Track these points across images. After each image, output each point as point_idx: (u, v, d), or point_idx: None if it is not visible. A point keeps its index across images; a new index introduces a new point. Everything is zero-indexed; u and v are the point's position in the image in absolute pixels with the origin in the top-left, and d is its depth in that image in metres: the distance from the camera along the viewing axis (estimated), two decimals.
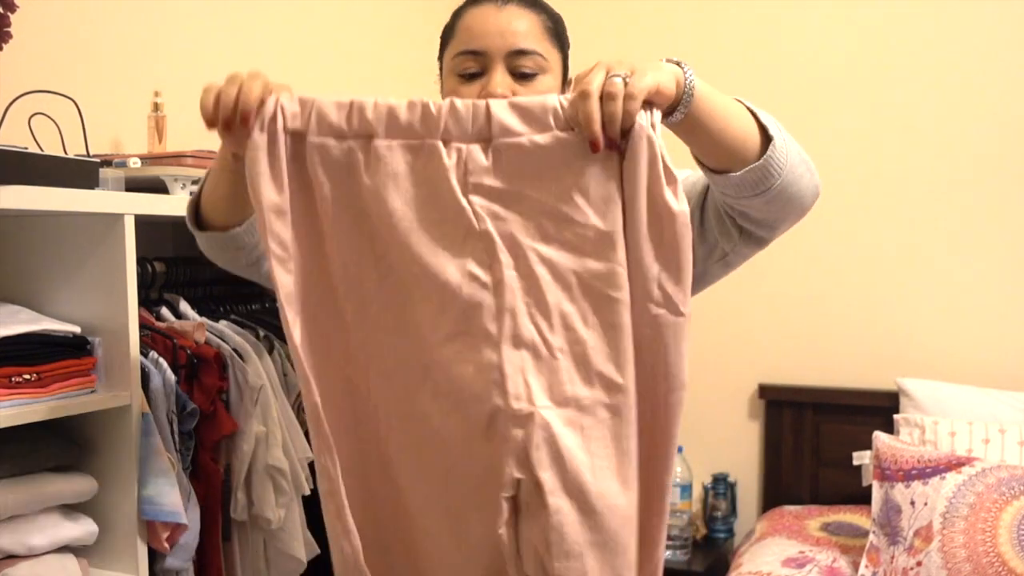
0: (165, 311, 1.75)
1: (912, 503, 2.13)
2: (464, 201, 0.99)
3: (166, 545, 1.50)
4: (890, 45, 2.73)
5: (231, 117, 1.05)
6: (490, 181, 0.99)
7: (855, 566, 2.21)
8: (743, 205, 1.15)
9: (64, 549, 1.43)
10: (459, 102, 1.00)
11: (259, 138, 1.01)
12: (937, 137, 2.70)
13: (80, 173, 1.41)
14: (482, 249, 1.00)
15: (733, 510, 2.89)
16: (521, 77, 1.23)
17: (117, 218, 1.44)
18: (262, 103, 1.06)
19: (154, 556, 1.52)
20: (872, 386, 2.75)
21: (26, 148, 1.38)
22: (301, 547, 1.76)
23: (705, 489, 2.89)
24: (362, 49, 2.74)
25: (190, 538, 1.54)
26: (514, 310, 0.99)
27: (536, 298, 1.00)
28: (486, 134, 0.98)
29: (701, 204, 1.24)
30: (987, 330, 2.66)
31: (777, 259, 2.88)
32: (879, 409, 2.66)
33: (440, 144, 0.98)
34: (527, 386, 1.00)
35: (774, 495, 2.85)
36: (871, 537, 2.19)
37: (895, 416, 2.49)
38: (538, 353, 1.00)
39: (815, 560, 2.26)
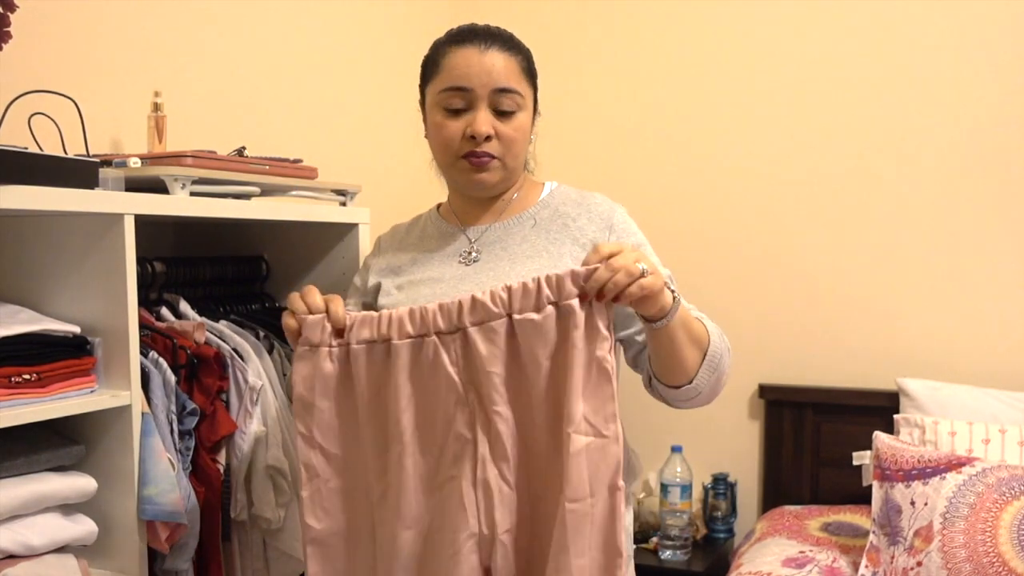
0: (165, 311, 1.75)
1: (912, 503, 2.13)
2: (456, 378, 1.26)
3: (166, 545, 1.50)
4: (892, 44, 2.74)
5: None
6: (466, 359, 1.26)
7: (855, 566, 2.21)
8: (665, 395, 1.43)
9: (64, 549, 1.43)
10: (441, 307, 1.26)
11: (305, 351, 1.33)
12: (937, 137, 2.70)
13: (80, 173, 1.41)
14: (468, 412, 1.27)
15: (733, 510, 2.89)
16: (501, 114, 1.40)
17: (117, 218, 1.44)
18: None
19: (154, 556, 1.52)
20: (872, 386, 2.75)
21: (26, 148, 1.37)
22: (301, 547, 1.76)
23: (705, 489, 2.89)
24: (362, 49, 2.74)
25: (190, 538, 1.54)
26: (484, 458, 1.26)
27: (495, 447, 1.26)
28: (462, 325, 1.26)
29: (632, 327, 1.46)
30: (987, 330, 2.66)
31: (777, 260, 2.88)
32: (879, 409, 2.66)
33: (435, 338, 1.27)
34: (491, 516, 1.26)
35: (774, 495, 2.85)
36: (871, 537, 2.19)
37: (895, 416, 2.49)
38: (500, 490, 1.26)
39: (815, 560, 2.26)
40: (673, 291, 1.27)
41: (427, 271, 1.50)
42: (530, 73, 1.44)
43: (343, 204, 2.05)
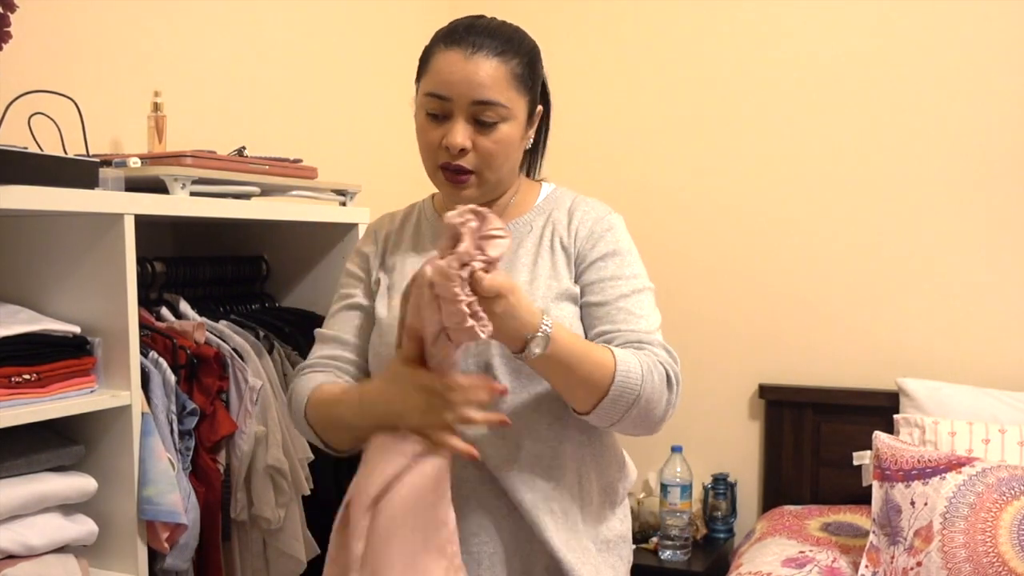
0: (165, 311, 1.75)
1: (912, 503, 2.13)
2: None
3: (166, 545, 1.50)
4: (893, 43, 2.73)
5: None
6: None
7: (855, 566, 2.21)
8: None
9: (64, 549, 1.43)
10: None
11: None
12: (938, 138, 2.70)
13: (80, 173, 1.41)
14: None
15: (733, 510, 2.89)
16: (482, 125, 1.32)
17: (117, 218, 1.44)
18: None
19: (154, 556, 1.52)
20: (872, 386, 2.75)
21: (26, 148, 1.38)
22: (301, 547, 1.76)
23: (705, 489, 2.89)
24: (362, 49, 2.74)
25: (190, 538, 1.54)
26: None
27: None
28: None
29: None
30: (987, 330, 2.66)
31: (777, 260, 2.88)
32: (879, 409, 2.66)
33: None
34: None
35: (774, 495, 2.85)
36: (871, 537, 2.19)
37: (895, 416, 2.49)
38: None
39: (815, 560, 2.26)
40: (543, 331, 1.21)
41: None
42: (523, 79, 1.35)
43: (343, 204, 2.05)
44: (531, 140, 1.44)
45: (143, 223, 1.52)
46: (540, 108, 1.44)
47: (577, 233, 1.41)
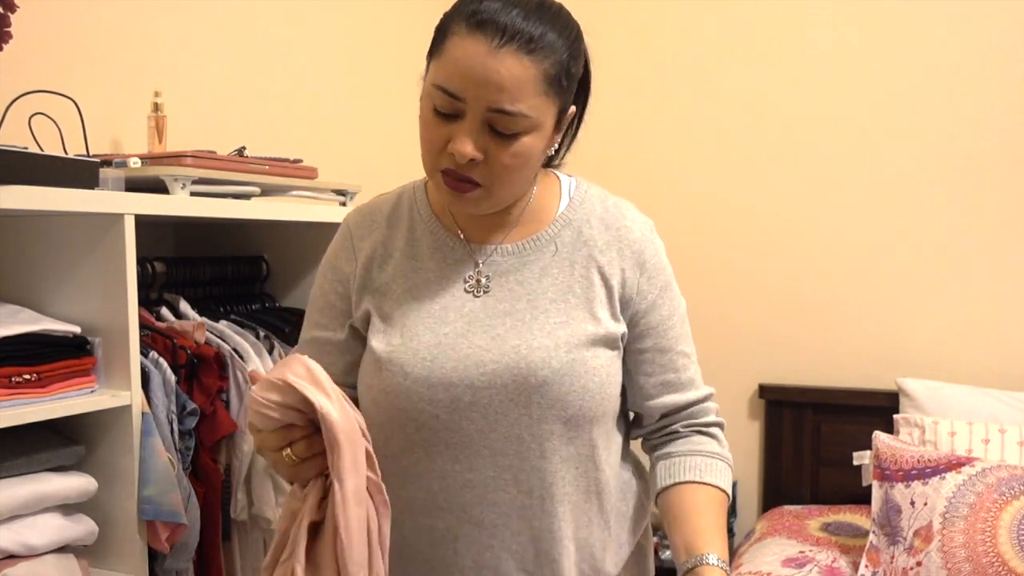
0: (165, 311, 1.75)
1: (912, 503, 2.13)
2: None
3: (166, 545, 1.50)
4: (894, 44, 2.74)
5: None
6: None
7: (855, 566, 2.21)
8: None
9: (64, 549, 1.43)
10: None
11: None
12: (938, 138, 2.70)
13: (80, 173, 1.41)
14: None
15: (733, 510, 2.89)
16: (498, 134, 1.08)
17: (117, 218, 1.44)
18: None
19: (154, 556, 1.52)
20: (872, 386, 2.76)
21: (26, 148, 1.37)
22: None
23: None
24: (362, 49, 2.74)
25: (190, 538, 1.54)
26: None
27: None
28: None
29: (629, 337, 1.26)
30: (987, 330, 2.66)
31: (777, 260, 2.88)
32: (879, 409, 2.66)
33: None
34: None
35: (774, 495, 2.85)
36: (871, 537, 2.19)
37: (895, 416, 2.49)
38: None
39: (815, 560, 2.26)
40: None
41: (425, 300, 1.20)
42: (557, 81, 1.09)
43: (343, 204, 2.05)
44: (557, 144, 1.20)
45: (143, 223, 1.52)
46: (573, 109, 1.18)
47: (623, 261, 1.22)
